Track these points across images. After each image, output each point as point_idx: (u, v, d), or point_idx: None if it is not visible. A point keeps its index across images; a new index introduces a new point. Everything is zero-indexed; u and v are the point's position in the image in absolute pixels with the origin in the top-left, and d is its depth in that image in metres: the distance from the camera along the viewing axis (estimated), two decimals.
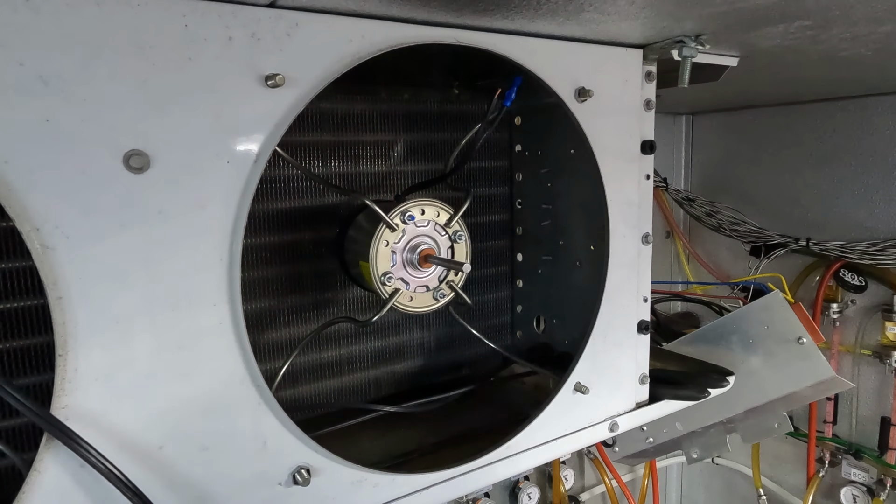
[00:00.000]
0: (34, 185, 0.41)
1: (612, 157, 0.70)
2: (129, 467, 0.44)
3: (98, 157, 0.43)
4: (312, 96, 0.50)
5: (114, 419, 0.45)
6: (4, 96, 0.40)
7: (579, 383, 0.72)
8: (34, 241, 0.41)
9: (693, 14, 0.57)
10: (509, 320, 0.93)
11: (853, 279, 1.11)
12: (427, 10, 0.52)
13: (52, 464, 0.43)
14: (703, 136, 1.37)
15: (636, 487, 1.36)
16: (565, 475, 1.21)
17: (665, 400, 0.80)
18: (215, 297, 0.48)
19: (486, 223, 0.89)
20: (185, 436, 0.48)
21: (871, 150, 1.09)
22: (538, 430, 0.70)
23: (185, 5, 0.45)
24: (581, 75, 0.66)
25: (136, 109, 0.44)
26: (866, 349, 1.14)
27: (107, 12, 0.42)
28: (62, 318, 0.43)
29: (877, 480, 1.17)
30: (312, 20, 0.50)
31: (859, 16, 0.57)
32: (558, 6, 0.53)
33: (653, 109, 0.73)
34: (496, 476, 0.67)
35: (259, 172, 0.49)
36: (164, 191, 0.45)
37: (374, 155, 0.76)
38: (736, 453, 1.36)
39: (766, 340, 0.88)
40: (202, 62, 0.46)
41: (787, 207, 1.22)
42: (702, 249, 1.36)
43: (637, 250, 0.74)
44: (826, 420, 1.20)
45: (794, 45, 0.68)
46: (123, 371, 0.45)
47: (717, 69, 0.76)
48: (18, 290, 0.52)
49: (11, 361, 0.52)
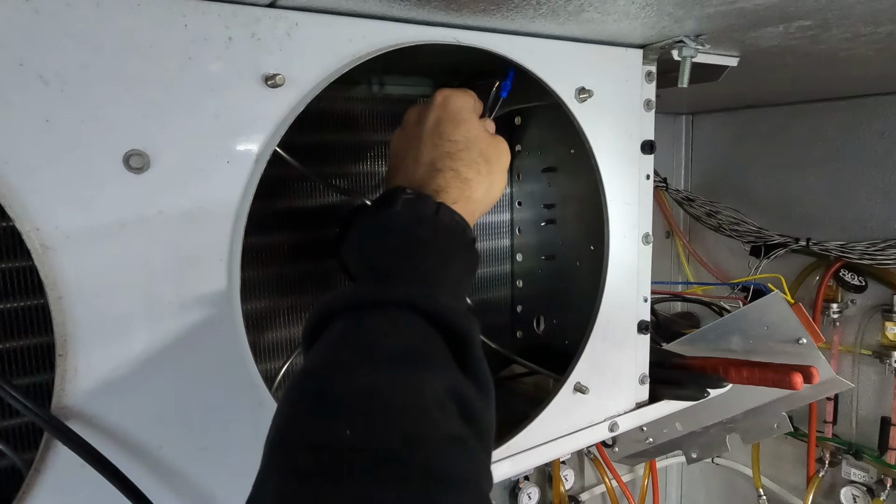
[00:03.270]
0: (34, 185, 0.41)
1: (611, 156, 0.70)
2: (129, 467, 0.44)
3: (98, 157, 0.43)
4: (312, 96, 0.50)
5: (114, 419, 0.45)
6: (4, 96, 0.40)
7: (579, 383, 0.72)
8: (34, 241, 0.41)
9: (693, 14, 0.57)
10: (509, 320, 0.93)
11: (853, 279, 1.11)
12: (427, 10, 0.52)
13: (52, 464, 0.44)
14: (703, 136, 1.37)
15: (636, 487, 1.36)
16: (565, 475, 1.21)
17: (665, 400, 0.80)
18: (215, 296, 0.48)
19: (486, 223, 0.89)
20: (185, 436, 0.48)
21: (871, 150, 1.09)
22: (538, 430, 0.70)
23: (185, 5, 0.45)
24: (581, 75, 0.66)
25: (135, 109, 0.44)
26: (866, 349, 1.14)
27: (106, 12, 0.42)
28: (62, 318, 0.43)
29: (877, 480, 1.17)
30: (312, 20, 0.50)
31: (859, 16, 0.57)
32: (558, 6, 0.53)
33: (653, 109, 0.73)
34: (496, 476, 0.67)
35: (259, 172, 0.49)
36: (164, 191, 0.45)
37: (374, 155, 0.76)
38: (736, 453, 1.36)
39: (766, 340, 0.88)
40: (202, 62, 0.46)
41: (787, 207, 1.22)
42: (702, 249, 1.36)
43: (637, 250, 0.74)
44: (826, 420, 1.20)
45: (794, 45, 0.68)
46: (123, 371, 0.45)
47: (717, 69, 0.76)
48: (18, 290, 0.52)
49: (11, 361, 0.52)
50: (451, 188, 0.49)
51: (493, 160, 0.52)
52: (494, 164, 0.53)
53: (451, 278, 0.45)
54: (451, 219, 0.47)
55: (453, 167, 0.50)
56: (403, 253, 0.44)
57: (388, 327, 0.38)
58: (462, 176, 0.50)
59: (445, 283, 0.44)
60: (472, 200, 0.50)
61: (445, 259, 0.45)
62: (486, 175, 0.52)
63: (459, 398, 0.36)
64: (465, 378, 0.38)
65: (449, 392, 0.36)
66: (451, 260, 0.45)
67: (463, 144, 0.51)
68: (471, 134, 0.52)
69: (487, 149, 0.52)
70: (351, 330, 0.38)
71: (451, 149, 0.51)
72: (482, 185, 0.51)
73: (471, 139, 0.52)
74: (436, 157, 0.51)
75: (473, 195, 0.50)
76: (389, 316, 0.39)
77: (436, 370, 0.36)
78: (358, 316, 0.39)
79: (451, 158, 0.50)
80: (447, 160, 0.50)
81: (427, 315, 0.39)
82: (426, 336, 0.38)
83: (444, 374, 0.37)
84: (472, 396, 0.37)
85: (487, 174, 0.52)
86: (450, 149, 0.51)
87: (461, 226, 0.48)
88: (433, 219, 0.46)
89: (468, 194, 0.50)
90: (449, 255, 0.46)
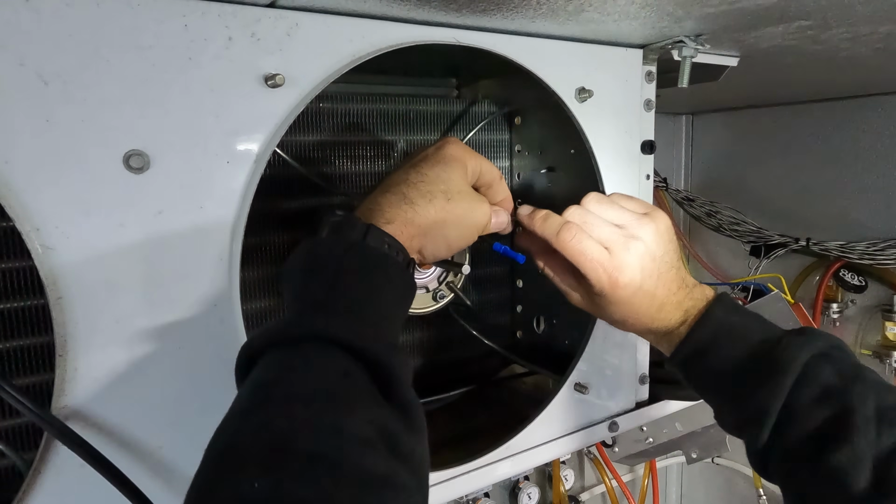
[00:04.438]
0: (34, 185, 0.41)
1: (612, 156, 0.70)
2: (129, 467, 0.44)
3: (98, 157, 0.43)
4: (313, 96, 0.50)
5: (114, 419, 0.45)
6: (4, 96, 0.40)
7: (579, 383, 0.72)
8: (34, 241, 0.41)
9: (693, 14, 0.57)
10: (509, 320, 0.93)
11: (853, 279, 1.11)
12: (427, 10, 0.52)
13: (52, 464, 0.44)
14: (703, 136, 1.37)
15: (636, 487, 1.36)
16: (565, 475, 1.21)
17: (665, 400, 0.80)
18: (215, 296, 0.48)
19: None
20: (186, 436, 0.48)
21: (871, 150, 1.09)
22: (538, 430, 0.70)
23: (185, 5, 0.45)
24: (581, 75, 0.66)
25: (136, 109, 0.44)
26: (866, 349, 1.14)
27: (106, 12, 0.42)
28: (62, 318, 0.43)
29: None
30: (312, 20, 0.50)
31: (859, 16, 0.57)
32: (558, 6, 0.53)
33: (653, 109, 0.73)
34: (496, 476, 0.67)
35: (259, 172, 0.49)
36: (164, 191, 0.45)
37: (374, 155, 0.76)
38: (736, 453, 1.36)
39: None
40: (202, 62, 0.46)
41: (787, 207, 1.22)
42: (702, 249, 1.36)
43: None
44: None
45: (794, 45, 0.68)
46: (123, 371, 0.45)
47: (717, 69, 0.76)
48: (18, 290, 0.52)
49: (11, 361, 0.52)
50: (388, 208, 0.46)
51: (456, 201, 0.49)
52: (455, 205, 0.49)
53: (378, 306, 0.42)
54: (380, 242, 0.44)
55: (404, 192, 0.47)
56: (328, 283, 0.41)
57: (306, 367, 0.37)
58: (407, 198, 0.47)
59: (371, 314, 0.42)
60: (412, 224, 0.47)
61: (371, 287, 0.43)
62: (440, 209, 0.48)
63: (384, 433, 0.35)
64: (392, 411, 0.37)
65: (373, 428, 0.35)
66: (378, 287, 0.43)
67: (429, 178, 0.48)
68: (444, 175, 0.49)
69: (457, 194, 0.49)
70: (269, 373, 0.37)
71: (413, 178, 0.48)
72: (429, 213, 0.47)
73: (441, 178, 0.49)
74: (396, 182, 0.48)
75: (415, 219, 0.47)
76: (310, 353, 0.37)
77: (356, 407, 0.35)
78: (278, 356, 0.38)
79: (407, 185, 0.48)
80: (402, 185, 0.48)
81: (349, 349, 0.37)
82: (347, 371, 0.37)
83: (365, 411, 0.35)
84: (399, 430, 0.36)
85: (441, 209, 0.48)
86: (413, 178, 0.48)
87: (393, 248, 0.44)
88: (359, 245, 0.43)
89: (408, 216, 0.46)
90: (376, 282, 0.43)
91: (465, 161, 0.51)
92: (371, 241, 0.43)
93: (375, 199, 0.47)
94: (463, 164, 0.51)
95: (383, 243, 0.44)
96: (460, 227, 0.50)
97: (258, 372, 0.38)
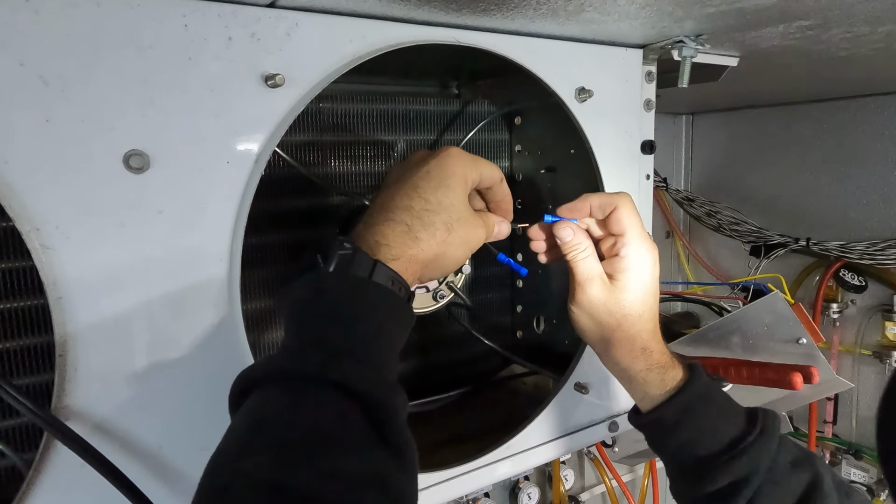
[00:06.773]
0: (34, 185, 0.41)
1: (611, 157, 0.70)
2: (129, 467, 0.44)
3: (98, 157, 0.43)
4: (312, 96, 0.50)
5: (114, 419, 0.45)
6: (4, 96, 0.40)
7: (579, 383, 0.72)
8: (34, 241, 0.41)
9: (693, 14, 0.57)
10: (509, 320, 0.93)
11: (853, 279, 1.11)
12: (427, 10, 0.52)
13: (52, 464, 0.44)
14: (703, 136, 1.37)
15: (636, 487, 1.36)
16: (565, 475, 1.21)
17: None
18: (215, 297, 0.48)
19: None
20: (185, 436, 0.48)
21: (871, 150, 1.09)
22: (538, 430, 0.70)
23: (185, 5, 0.45)
24: (581, 75, 0.66)
25: (136, 109, 0.44)
26: (866, 349, 1.14)
27: (106, 12, 0.42)
28: (62, 318, 0.43)
29: (877, 480, 1.17)
30: (312, 20, 0.50)
31: (859, 16, 0.57)
32: (558, 6, 0.53)
33: (653, 109, 0.73)
34: (496, 476, 0.67)
35: (259, 172, 0.49)
36: (164, 191, 0.45)
37: (374, 155, 0.76)
38: None
39: (766, 340, 0.88)
40: (202, 62, 0.46)
41: (787, 207, 1.22)
42: (702, 249, 1.36)
43: None
44: (826, 420, 1.20)
45: (794, 45, 0.68)
46: (123, 371, 0.45)
47: (717, 69, 0.76)
48: (18, 290, 0.52)
49: (11, 361, 0.52)
50: (395, 243, 0.46)
51: (455, 231, 0.50)
52: (455, 235, 0.50)
53: (380, 346, 0.43)
54: (387, 279, 0.44)
55: (408, 223, 0.47)
56: (331, 319, 0.42)
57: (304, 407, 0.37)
58: (413, 234, 0.47)
59: (373, 353, 0.42)
60: (417, 261, 0.47)
61: (375, 326, 0.43)
62: (441, 243, 0.49)
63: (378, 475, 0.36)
64: (386, 452, 0.37)
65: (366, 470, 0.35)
66: (382, 325, 0.43)
67: (432, 207, 0.48)
68: (447, 201, 0.49)
69: (457, 222, 0.50)
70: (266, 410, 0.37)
71: (417, 206, 0.48)
72: (432, 247, 0.48)
73: (444, 206, 0.49)
74: (399, 208, 0.48)
75: (419, 256, 0.47)
76: (309, 394, 0.38)
77: (352, 450, 0.36)
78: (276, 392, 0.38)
79: (410, 214, 0.48)
80: (405, 214, 0.48)
81: (345, 390, 0.38)
82: (344, 413, 0.37)
83: (360, 453, 0.36)
84: (391, 471, 0.37)
85: (442, 242, 0.49)
86: (416, 205, 0.48)
87: (397, 284, 0.45)
88: (366, 283, 0.43)
89: (413, 253, 0.47)
90: (380, 320, 0.43)
91: (465, 176, 0.51)
92: (377, 279, 0.44)
93: (380, 229, 0.47)
94: (464, 181, 0.51)
95: (389, 280, 0.44)
96: (457, 253, 0.51)
97: (255, 406, 0.38)
